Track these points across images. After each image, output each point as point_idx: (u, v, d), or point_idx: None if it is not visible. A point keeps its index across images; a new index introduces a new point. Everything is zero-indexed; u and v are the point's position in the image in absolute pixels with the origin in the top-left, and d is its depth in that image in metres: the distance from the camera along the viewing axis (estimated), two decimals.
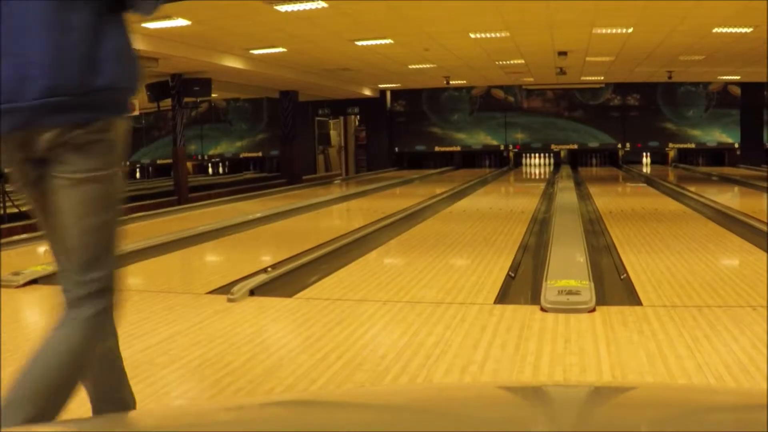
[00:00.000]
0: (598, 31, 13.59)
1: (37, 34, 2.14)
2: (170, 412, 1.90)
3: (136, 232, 9.43)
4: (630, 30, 13.47)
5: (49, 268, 6.24)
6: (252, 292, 5.31)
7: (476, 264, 6.46)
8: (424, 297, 5.17)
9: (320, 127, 26.66)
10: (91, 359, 2.36)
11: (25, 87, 2.11)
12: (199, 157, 26.98)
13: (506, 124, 25.45)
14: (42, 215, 2.38)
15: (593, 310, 4.54)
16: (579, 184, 16.40)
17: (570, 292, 4.78)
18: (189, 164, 22.62)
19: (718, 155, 24.65)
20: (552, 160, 25.36)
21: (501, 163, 25.60)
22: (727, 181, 17.55)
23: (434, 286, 5.57)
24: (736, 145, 24.21)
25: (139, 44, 12.24)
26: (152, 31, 12.10)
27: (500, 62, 18.25)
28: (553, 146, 25.28)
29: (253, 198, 15.04)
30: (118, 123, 2.27)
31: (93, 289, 2.29)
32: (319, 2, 10.49)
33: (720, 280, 5.47)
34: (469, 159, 25.88)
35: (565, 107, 25.13)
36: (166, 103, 17.06)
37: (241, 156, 26.71)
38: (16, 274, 5.99)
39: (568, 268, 5.64)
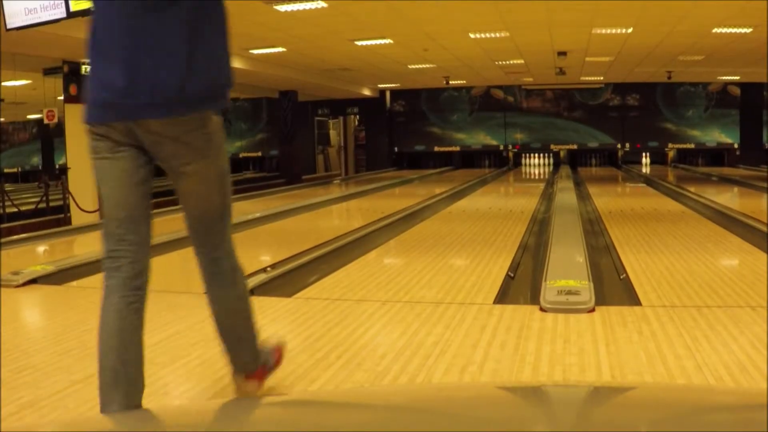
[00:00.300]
0: (598, 31, 13.60)
1: (142, 39, 2.53)
2: (170, 412, 1.90)
3: None
4: (629, 30, 13.48)
5: (49, 268, 6.26)
6: (251, 292, 5.30)
7: (475, 264, 6.46)
8: (423, 297, 5.17)
9: (320, 127, 26.67)
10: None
11: (133, 86, 2.52)
12: None
13: (506, 124, 25.46)
14: (123, 194, 2.77)
15: (592, 310, 4.54)
16: (578, 185, 16.40)
17: (569, 292, 4.78)
18: None
19: (717, 155, 24.66)
20: (551, 160, 25.38)
21: (500, 163, 25.61)
22: (726, 181, 17.56)
23: (434, 286, 5.57)
24: (736, 146, 24.23)
25: None
26: None
27: (500, 62, 18.26)
28: (552, 146, 25.30)
29: (253, 198, 15.03)
30: (212, 117, 2.67)
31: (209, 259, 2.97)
32: (319, 2, 10.49)
33: (719, 281, 5.47)
34: (469, 159, 25.89)
35: (565, 107, 25.14)
36: None
37: (241, 156, 26.69)
38: (16, 273, 5.99)
39: (567, 268, 5.63)
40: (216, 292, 3.02)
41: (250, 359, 3.08)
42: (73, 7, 8.66)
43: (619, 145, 24.91)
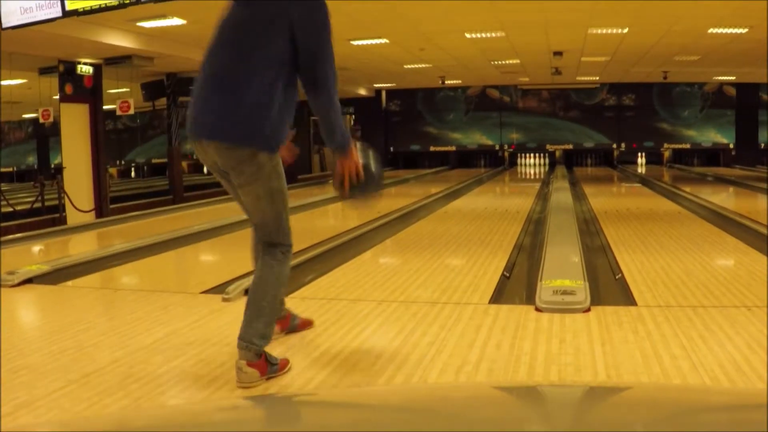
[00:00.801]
0: (594, 31, 13.60)
1: (223, 86, 3.43)
2: (165, 412, 1.89)
3: (131, 232, 9.43)
4: (625, 30, 13.48)
5: (44, 268, 6.25)
6: (247, 292, 5.30)
7: (471, 264, 6.47)
8: (419, 297, 5.17)
9: (315, 126, 26.63)
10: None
11: (204, 119, 3.46)
12: (194, 157, 26.86)
13: (501, 124, 25.47)
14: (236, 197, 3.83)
15: (588, 310, 4.54)
16: (574, 184, 16.42)
17: (565, 292, 4.78)
18: (184, 163, 22.57)
19: (713, 155, 24.69)
20: (547, 160, 25.39)
21: (496, 163, 25.62)
22: (722, 181, 17.59)
23: (429, 286, 5.57)
24: (731, 146, 24.25)
25: (134, 43, 12.28)
26: (147, 30, 12.09)
27: (496, 62, 18.26)
28: (548, 146, 25.31)
29: None
30: (259, 155, 3.41)
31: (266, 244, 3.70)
32: None
33: (715, 281, 5.48)
34: (465, 159, 25.90)
35: (561, 107, 25.16)
36: (162, 102, 17.05)
37: None
38: (11, 273, 5.98)
39: (563, 268, 5.64)
40: (259, 269, 3.67)
41: (257, 339, 3.43)
42: (69, 6, 8.65)
43: (614, 145, 24.93)
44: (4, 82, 15.21)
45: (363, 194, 3.76)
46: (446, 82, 22.44)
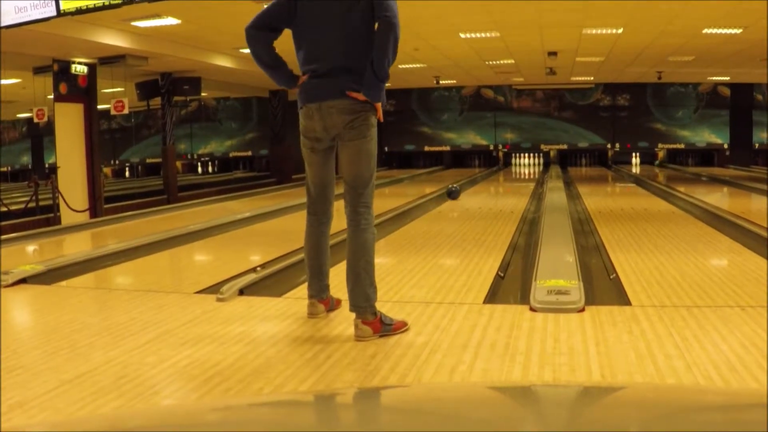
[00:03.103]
0: (588, 31, 13.62)
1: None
2: (159, 412, 1.89)
3: (125, 231, 9.42)
4: (620, 30, 13.51)
5: (38, 268, 6.24)
6: (241, 292, 5.30)
7: (465, 264, 6.47)
8: (413, 297, 5.17)
9: None
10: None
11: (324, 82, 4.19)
12: (189, 156, 26.91)
13: (496, 124, 25.48)
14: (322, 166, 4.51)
15: (582, 310, 4.54)
16: (568, 184, 16.43)
17: (559, 292, 4.78)
18: (178, 163, 22.58)
19: (707, 156, 24.74)
20: (541, 160, 25.41)
21: (491, 162, 25.64)
22: (716, 181, 17.61)
23: (424, 285, 5.57)
24: (726, 146, 24.29)
25: (128, 43, 12.28)
26: (142, 29, 12.08)
27: (490, 62, 18.27)
28: (542, 146, 25.33)
29: (243, 197, 15.02)
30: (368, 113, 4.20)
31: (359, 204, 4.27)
32: None
33: (709, 281, 5.49)
34: (459, 159, 25.92)
35: (555, 107, 25.17)
36: (156, 101, 17.05)
37: (231, 155, 26.64)
38: (5, 273, 5.97)
39: (557, 268, 5.64)
40: (350, 236, 4.22)
41: (363, 301, 4.08)
42: (63, 6, 8.64)
43: (609, 145, 24.96)
44: None
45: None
46: (441, 82, 22.46)
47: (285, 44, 4.32)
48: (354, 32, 4.12)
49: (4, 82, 15.50)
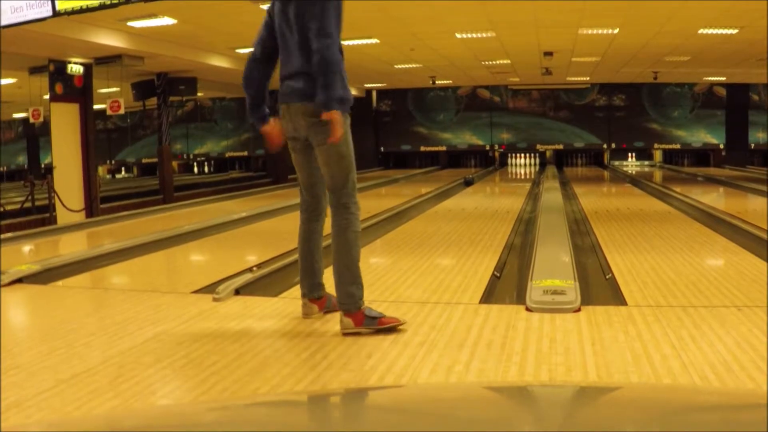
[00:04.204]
0: (584, 31, 13.63)
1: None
2: (155, 412, 1.89)
3: (122, 231, 9.41)
4: (616, 31, 13.52)
5: (34, 267, 6.23)
6: (237, 292, 5.30)
7: (461, 264, 6.47)
8: (409, 297, 5.17)
9: None
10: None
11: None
12: (185, 156, 26.91)
13: (492, 124, 25.49)
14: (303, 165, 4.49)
15: (578, 309, 4.55)
16: (564, 184, 16.44)
17: (555, 292, 4.78)
18: (174, 163, 22.59)
19: (703, 156, 24.76)
20: (537, 160, 25.43)
21: (486, 162, 25.64)
22: (712, 181, 17.62)
23: (420, 285, 5.57)
24: (722, 146, 24.31)
25: (124, 43, 12.27)
26: (138, 29, 12.07)
27: (486, 62, 18.28)
28: (538, 146, 25.34)
29: (239, 197, 15.01)
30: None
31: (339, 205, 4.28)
32: None
33: (705, 281, 5.49)
34: (455, 159, 25.93)
35: (551, 107, 25.18)
36: (152, 101, 17.04)
37: (227, 155, 26.64)
38: (1, 273, 5.96)
39: (553, 268, 5.64)
40: (332, 236, 4.27)
41: (345, 298, 4.18)
42: (59, 6, 8.63)
43: (605, 145, 24.98)
44: None
45: None
46: (437, 82, 22.47)
47: None
48: (308, 40, 4.16)
49: (0, 82, 15.48)
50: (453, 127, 25.69)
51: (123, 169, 27.84)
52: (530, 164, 25.44)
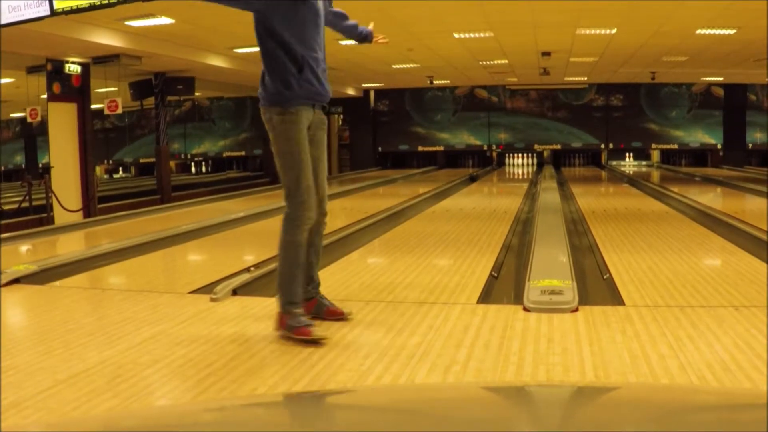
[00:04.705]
0: (582, 31, 13.63)
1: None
2: (153, 413, 1.89)
3: (119, 231, 9.40)
4: (613, 31, 13.52)
5: (32, 267, 6.23)
6: (235, 292, 5.30)
7: (459, 264, 6.47)
8: (406, 297, 5.17)
9: None
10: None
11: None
12: (182, 156, 26.89)
13: (489, 124, 25.49)
14: None
15: (576, 310, 4.55)
16: (562, 184, 16.44)
17: (553, 292, 4.79)
18: (172, 163, 22.55)
19: (701, 156, 24.78)
20: (535, 160, 25.43)
21: (484, 163, 25.64)
22: (709, 181, 17.63)
23: (417, 286, 5.56)
24: (719, 146, 24.33)
25: (122, 42, 12.26)
26: (136, 29, 12.06)
27: (484, 62, 18.28)
28: (536, 146, 25.34)
29: (236, 197, 15.00)
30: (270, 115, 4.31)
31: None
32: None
33: (702, 280, 5.49)
34: (453, 159, 25.94)
35: (549, 107, 25.18)
36: (149, 101, 17.03)
37: (225, 155, 26.62)
38: None
39: (550, 268, 5.64)
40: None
41: (279, 296, 4.14)
42: (57, 5, 8.62)
43: (602, 146, 24.99)
44: None
45: None
46: (434, 82, 22.47)
47: None
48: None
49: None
50: (451, 127, 25.69)
51: (120, 168, 27.82)
52: (528, 164, 25.45)
